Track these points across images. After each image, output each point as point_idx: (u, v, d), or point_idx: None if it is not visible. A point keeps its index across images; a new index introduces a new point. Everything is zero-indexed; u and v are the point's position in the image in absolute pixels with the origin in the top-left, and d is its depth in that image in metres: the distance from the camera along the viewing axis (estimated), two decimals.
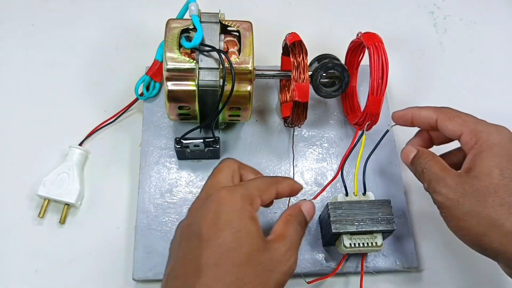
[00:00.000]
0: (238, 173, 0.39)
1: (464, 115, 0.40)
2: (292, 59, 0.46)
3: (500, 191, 0.35)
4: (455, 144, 0.43)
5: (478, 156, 0.37)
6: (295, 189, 0.41)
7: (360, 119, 0.49)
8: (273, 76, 0.51)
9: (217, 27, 0.47)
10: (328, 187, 0.51)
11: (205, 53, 0.45)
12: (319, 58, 0.50)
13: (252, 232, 0.33)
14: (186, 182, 0.51)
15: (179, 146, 0.49)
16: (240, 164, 0.40)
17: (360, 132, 0.49)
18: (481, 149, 0.37)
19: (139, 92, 0.55)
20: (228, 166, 0.39)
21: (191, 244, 0.33)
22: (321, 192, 0.50)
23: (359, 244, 0.44)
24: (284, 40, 0.50)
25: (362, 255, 0.47)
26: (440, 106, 0.42)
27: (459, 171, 0.38)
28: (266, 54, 0.57)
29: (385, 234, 0.45)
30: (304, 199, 0.42)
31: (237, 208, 0.34)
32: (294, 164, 0.53)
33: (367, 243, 0.44)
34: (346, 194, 0.46)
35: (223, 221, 0.33)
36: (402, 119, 0.44)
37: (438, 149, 0.45)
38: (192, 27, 0.46)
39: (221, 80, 0.45)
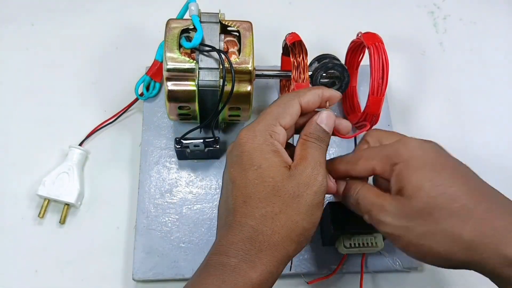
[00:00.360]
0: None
1: (366, 151, 0.38)
2: (292, 59, 0.46)
3: (441, 202, 0.33)
4: None
5: (400, 176, 0.34)
6: (327, 96, 0.38)
7: (360, 119, 0.49)
8: (273, 76, 0.51)
9: (217, 27, 0.47)
10: None
11: (205, 53, 0.45)
12: (319, 58, 0.50)
13: (274, 164, 0.34)
14: (186, 182, 0.51)
15: (179, 146, 0.49)
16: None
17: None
18: (400, 169, 0.34)
19: (139, 92, 0.55)
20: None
21: (227, 188, 0.35)
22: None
23: (359, 244, 0.44)
24: (284, 40, 0.50)
25: (362, 255, 0.47)
26: (344, 156, 0.40)
27: (392, 195, 0.35)
28: (266, 54, 0.57)
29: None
30: (320, 111, 0.38)
31: (256, 144, 0.34)
32: None
33: (367, 243, 0.44)
34: None
35: (245, 161, 0.34)
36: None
37: None
38: (192, 27, 0.46)
39: (221, 80, 0.45)
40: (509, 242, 0.31)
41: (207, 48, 0.45)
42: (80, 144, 0.53)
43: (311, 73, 0.49)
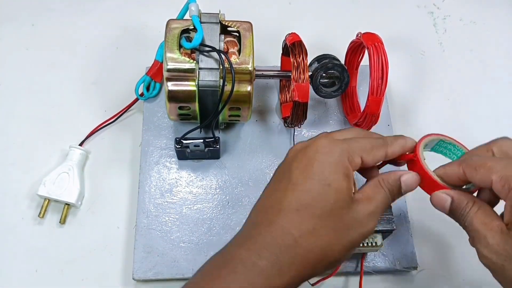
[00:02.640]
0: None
1: (492, 160, 0.34)
2: (292, 59, 0.47)
3: None
4: None
5: None
6: (408, 147, 0.37)
7: (360, 119, 0.49)
8: (273, 76, 0.51)
9: (217, 28, 0.47)
10: None
11: (205, 53, 0.45)
12: (319, 58, 0.50)
13: (342, 188, 0.33)
14: (186, 182, 0.51)
15: (179, 146, 0.49)
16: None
17: None
18: None
19: (139, 92, 0.55)
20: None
21: (281, 184, 0.34)
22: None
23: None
24: (284, 40, 0.50)
25: (362, 255, 0.47)
26: (466, 154, 0.38)
27: (503, 225, 0.32)
28: (266, 54, 0.57)
29: (385, 234, 0.45)
30: (408, 171, 0.37)
31: (333, 160, 0.33)
32: None
33: (367, 243, 0.44)
34: None
35: (315, 170, 0.33)
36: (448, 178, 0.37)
37: None
38: (192, 27, 0.46)
39: (221, 80, 0.45)
40: None
41: (207, 49, 0.45)
42: (81, 144, 0.53)
43: (311, 73, 0.49)
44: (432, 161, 0.38)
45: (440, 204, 0.35)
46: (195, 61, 0.45)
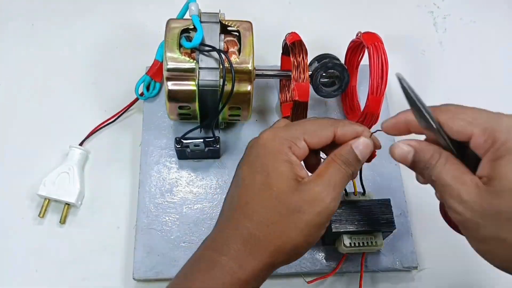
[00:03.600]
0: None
1: (472, 111, 0.32)
2: (292, 59, 0.47)
3: None
4: None
5: (497, 164, 0.29)
6: (361, 129, 0.36)
7: (360, 118, 0.49)
8: (273, 76, 0.51)
9: (217, 27, 0.47)
10: None
11: (205, 53, 0.45)
12: (319, 58, 0.50)
13: (283, 174, 0.33)
14: (186, 182, 0.51)
15: (179, 146, 0.49)
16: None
17: None
18: (500, 154, 0.29)
19: (139, 92, 0.55)
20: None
21: (237, 183, 0.36)
22: None
23: (358, 243, 0.44)
24: (284, 40, 0.50)
25: (362, 255, 0.47)
26: (440, 105, 0.35)
27: (476, 179, 0.30)
28: (266, 54, 0.57)
29: (385, 233, 0.45)
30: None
31: (272, 150, 0.34)
32: None
33: (367, 243, 0.44)
34: (346, 194, 0.46)
35: (258, 164, 0.34)
36: (395, 128, 0.35)
37: None
38: (192, 27, 0.46)
39: (221, 80, 0.45)
40: None
41: (207, 48, 0.45)
42: (81, 144, 0.53)
43: (311, 72, 0.49)
44: None
45: (401, 156, 0.33)
46: (195, 61, 0.45)
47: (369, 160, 0.37)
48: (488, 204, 0.29)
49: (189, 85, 0.45)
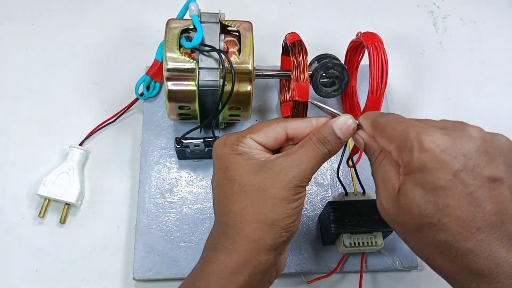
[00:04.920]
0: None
1: (394, 126, 0.32)
2: (292, 59, 0.47)
3: (424, 229, 0.30)
4: None
5: (404, 179, 0.31)
6: (320, 121, 0.36)
7: None
8: (273, 76, 0.51)
9: (217, 27, 0.47)
10: (328, 187, 0.51)
11: (205, 53, 0.45)
12: (319, 58, 0.50)
13: (239, 163, 0.35)
14: (186, 182, 0.51)
15: (179, 146, 0.49)
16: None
17: None
18: (406, 172, 0.31)
19: (139, 92, 0.55)
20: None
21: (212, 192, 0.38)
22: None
23: (359, 243, 0.44)
24: (284, 40, 0.50)
25: (362, 254, 0.47)
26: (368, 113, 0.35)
27: (396, 187, 0.32)
28: (266, 54, 0.57)
29: (385, 233, 0.45)
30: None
31: (224, 151, 0.35)
32: None
33: (367, 242, 0.44)
34: (346, 194, 0.46)
35: (216, 165, 0.36)
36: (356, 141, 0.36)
37: None
38: (192, 27, 0.46)
39: (221, 80, 0.45)
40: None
41: (207, 48, 0.45)
42: (81, 144, 0.53)
43: (311, 72, 0.49)
44: None
45: (357, 144, 0.36)
46: (195, 61, 0.45)
47: (353, 153, 0.39)
48: (396, 215, 0.32)
49: (189, 85, 0.45)
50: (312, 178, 0.52)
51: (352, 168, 0.45)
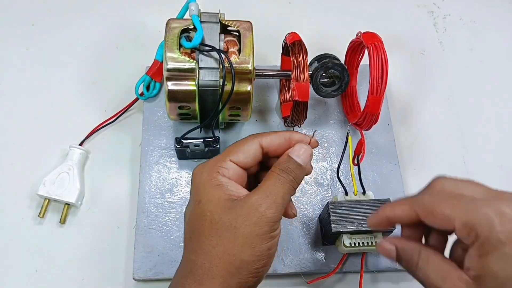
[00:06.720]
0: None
1: (448, 203, 0.30)
2: (292, 59, 0.47)
3: None
4: None
5: (485, 260, 0.28)
6: (297, 140, 0.36)
7: (360, 118, 0.49)
8: (273, 76, 0.51)
9: (217, 27, 0.47)
10: (328, 187, 0.51)
11: (205, 53, 0.45)
12: (319, 58, 0.50)
13: (213, 198, 0.34)
14: (186, 182, 0.51)
15: (179, 146, 0.49)
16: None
17: (347, 133, 0.49)
18: (486, 251, 0.28)
19: (139, 92, 0.55)
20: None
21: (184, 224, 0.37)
22: None
23: (359, 243, 0.44)
24: (284, 40, 0.50)
25: (362, 255, 0.47)
26: (416, 195, 0.33)
27: (465, 276, 0.29)
28: (266, 54, 0.57)
29: (385, 233, 0.45)
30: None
31: (202, 180, 0.35)
32: None
33: (367, 243, 0.44)
34: (346, 194, 0.46)
35: (192, 197, 0.36)
36: (379, 224, 0.35)
37: None
38: (192, 27, 0.46)
39: (221, 80, 0.45)
40: None
41: (207, 48, 0.45)
42: (81, 144, 0.53)
43: (311, 72, 0.49)
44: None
45: (385, 254, 0.34)
46: (195, 61, 0.45)
47: (357, 152, 0.38)
48: None
49: (189, 85, 0.45)
50: (312, 178, 0.53)
51: (356, 167, 0.45)
